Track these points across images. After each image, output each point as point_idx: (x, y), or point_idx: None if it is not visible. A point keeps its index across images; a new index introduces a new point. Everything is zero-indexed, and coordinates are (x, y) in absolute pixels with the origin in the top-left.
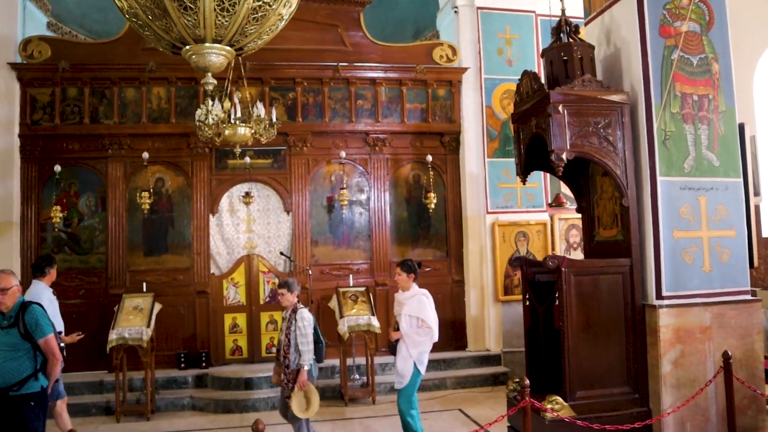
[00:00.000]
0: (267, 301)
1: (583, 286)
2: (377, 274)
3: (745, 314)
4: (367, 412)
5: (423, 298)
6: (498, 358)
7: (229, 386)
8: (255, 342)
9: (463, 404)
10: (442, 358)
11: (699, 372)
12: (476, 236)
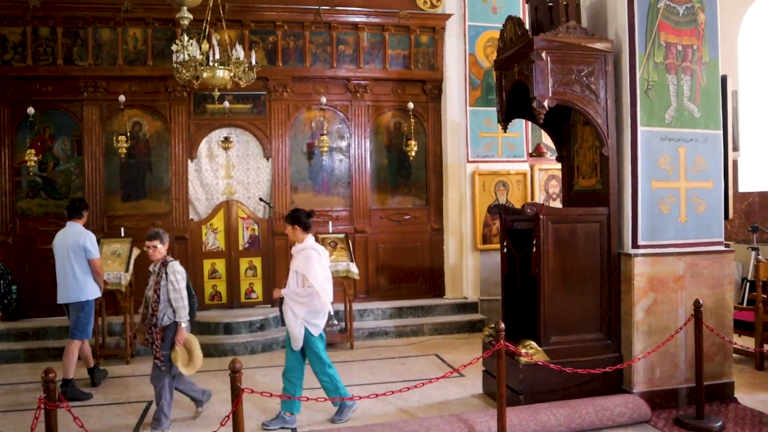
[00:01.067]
0: (246, 247)
1: (560, 233)
2: (356, 221)
3: (717, 265)
4: (345, 357)
5: (312, 253)
6: (475, 305)
7: (209, 331)
8: (234, 288)
9: (440, 350)
10: (420, 305)
11: (670, 320)
12: (456, 185)
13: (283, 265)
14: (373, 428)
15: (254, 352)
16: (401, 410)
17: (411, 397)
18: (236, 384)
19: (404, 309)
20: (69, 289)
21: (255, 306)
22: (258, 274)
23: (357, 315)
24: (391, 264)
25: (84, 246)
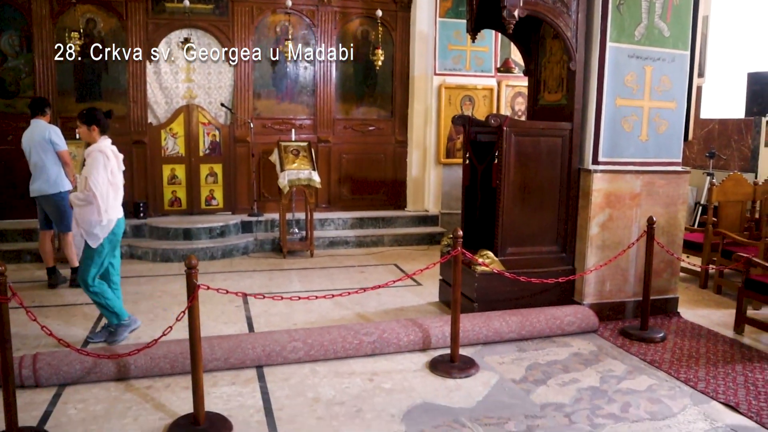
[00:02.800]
0: (207, 154)
1: (522, 146)
2: (320, 130)
3: (673, 184)
4: (305, 264)
5: (99, 156)
6: (435, 218)
7: (168, 236)
8: (194, 194)
9: (399, 260)
10: (381, 216)
11: (624, 236)
12: (422, 97)
13: (244, 173)
14: (329, 330)
15: (214, 258)
16: (358, 315)
17: (368, 303)
18: (192, 280)
19: (365, 220)
20: (42, 182)
21: (215, 213)
22: (219, 181)
23: (318, 224)
24: (354, 175)
25: (50, 139)
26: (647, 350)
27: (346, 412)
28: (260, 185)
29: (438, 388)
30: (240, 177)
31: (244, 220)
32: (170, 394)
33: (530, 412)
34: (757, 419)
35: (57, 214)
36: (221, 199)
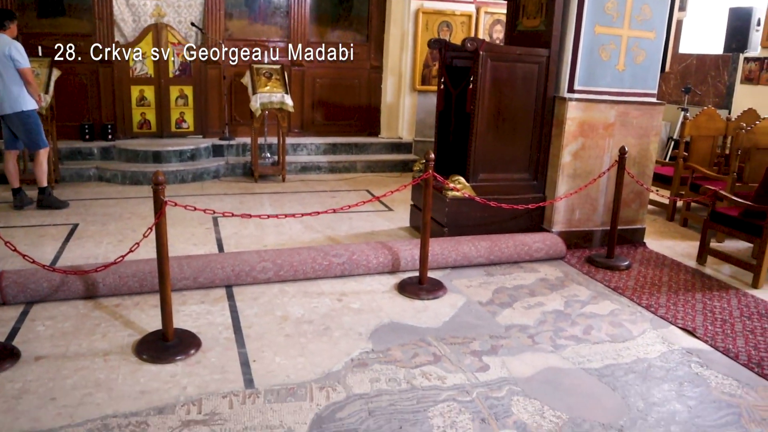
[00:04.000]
0: (177, 75)
1: (498, 72)
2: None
3: (647, 116)
4: (276, 189)
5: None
6: (409, 146)
7: (137, 159)
8: (164, 116)
9: (371, 186)
10: (354, 143)
11: (595, 165)
12: (399, 22)
13: (215, 96)
14: (299, 251)
15: (184, 181)
16: (329, 238)
17: (339, 227)
18: (159, 197)
19: (338, 145)
20: (3, 101)
21: (186, 136)
22: (189, 104)
23: (290, 149)
24: (328, 100)
25: (10, 55)
26: (612, 277)
27: (314, 330)
28: (232, 108)
29: (406, 308)
30: (211, 100)
31: (216, 143)
32: (139, 312)
33: (495, 333)
34: (712, 343)
35: (26, 133)
36: (192, 122)
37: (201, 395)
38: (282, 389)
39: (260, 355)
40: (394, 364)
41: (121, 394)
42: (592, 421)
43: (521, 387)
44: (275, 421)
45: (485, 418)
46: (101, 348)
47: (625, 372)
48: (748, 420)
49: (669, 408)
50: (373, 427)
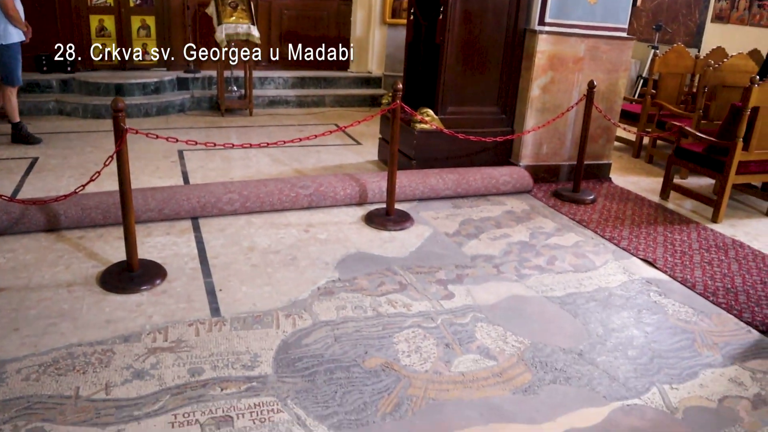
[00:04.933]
0: (138, 4)
1: (469, 3)
2: None
3: (617, 50)
4: (244, 123)
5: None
6: (379, 80)
7: (98, 92)
8: (126, 48)
9: (340, 120)
10: (323, 77)
11: (564, 99)
12: None
13: (179, 26)
14: (266, 182)
15: (149, 114)
16: (296, 171)
17: (307, 160)
18: (119, 124)
19: (306, 79)
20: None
21: (149, 69)
22: (152, 35)
23: (258, 82)
24: (296, 32)
25: None
26: (577, 211)
27: (281, 260)
28: (197, 40)
29: (372, 239)
30: (175, 31)
31: (180, 76)
32: (103, 244)
33: (461, 263)
34: (671, 273)
35: (1, 66)
36: (155, 54)
37: (167, 323)
38: (248, 317)
39: (226, 285)
40: (360, 293)
41: (85, 323)
42: (553, 345)
43: (485, 314)
44: (242, 347)
45: (449, 343)
46: (65, 279)
47: (586, 300)
48: (701, 344)
49: (627, 333)
50: (339, 353)
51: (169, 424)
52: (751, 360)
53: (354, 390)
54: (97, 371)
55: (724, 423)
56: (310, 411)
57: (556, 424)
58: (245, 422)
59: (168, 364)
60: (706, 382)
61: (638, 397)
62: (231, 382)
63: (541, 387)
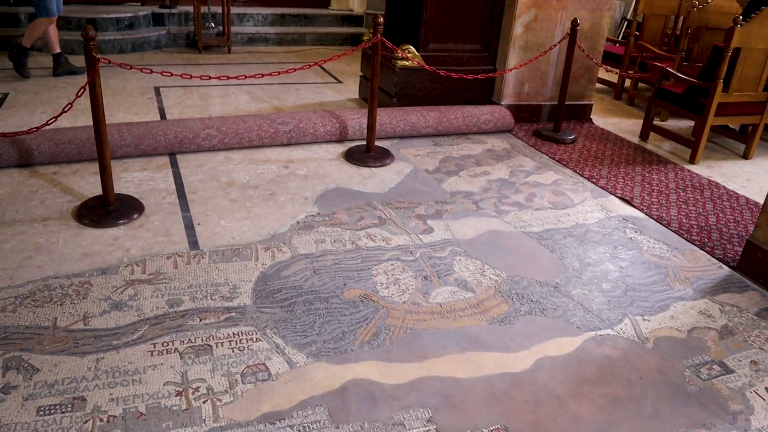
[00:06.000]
0: None
1: None
2: None
3: None
4: (222, 60)
5: None
6: (360, 19)
7: (69, 26)
8: None
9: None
10: (303, 14)
11: (547, 38)
12: None
13: None
14: (245, 118)
15: (123, 51)
16: (276, 108)
17: (287, 98)
18: (90, 53)
19: (286, 16)
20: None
21: (123, 3)
22: None
23: (236, 19)
24: None
25: None
26: (557, 150)
27: (259, 195)
28: None
29: (352, 175)
30: None
31: (156, 11)
32: (78, 179)
33: (440, 199)
34: (647, 212)
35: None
36: None
37: (145, 256)
38: (227, 250)
39: (205, 219)
40: (340, 227)
41: (62, 256)
42: (530, 278)
43: (464, 248)
44: (220, 279)
45: (428, 275)
46: (39, 214)
47: (563, 236)
48: (674, 279)
49: (602, 268)
50: (318, 284)
51: (148, 353)
52: (721, 294)
53: (332, 320)
54: (74, 303)
55: (692, 352)
56: (289, 340)
57: (530, 352)
58: (224, 351)
59: (146, 296)
60: (676, 314)
61: (611, 327)
62: (210, 313)
63: (517, 318)
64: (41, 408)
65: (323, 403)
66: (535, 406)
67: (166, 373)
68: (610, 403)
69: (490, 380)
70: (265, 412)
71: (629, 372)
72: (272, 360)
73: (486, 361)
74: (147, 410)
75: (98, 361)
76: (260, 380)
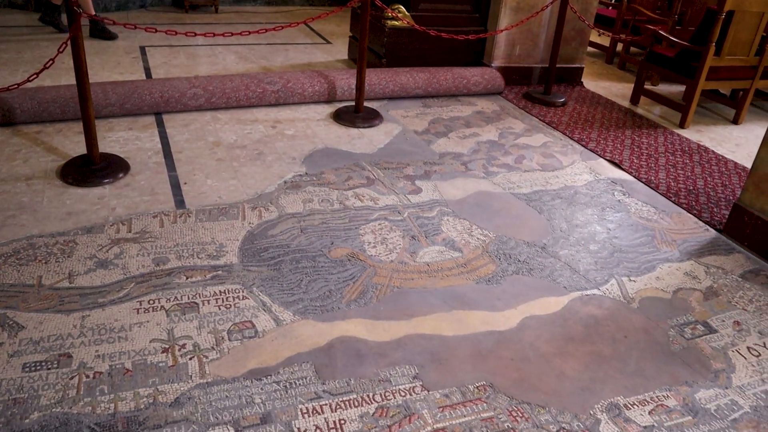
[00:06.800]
0: None
1: None
2: None
3: None
4: (209, 20)
5: None
6: None
7: None
8: None
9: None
10: None
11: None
12: None
13: None
14: (232, 78)
15: (107, 9)
16: (264, 68)
17: (275, 58)
18: (73, 8)
19: None
20: None
21: None
22: None
23: None
24: None
25: None
26: (547, 113)
27: (247, 155)
28: None
29: (341, 135)
30: None
31: None
32: (62, 138)
33: (429, 159)
34: (636, 174)
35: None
36: None
37: (131, 215)
38: (214, 209)
39: (191, 178)
40: (327, 186)
41: (46, 215)
42: (517, 239)
43: (452, 208)
44: (207, 238)
45: (415, 235)
46: (23, 173)
47: (552, 197)
48: (660, 241)
49: (590, 229)
50: (305, 243)
51: (134, 311)
52: (707, 256)
53: (319, 278)
54: (59, 261)
55: (676, 312)
56: (276, 298)
57: (517, 311)
58: (211, 308)
59: (132, 254)
60: (662, 275)
61: (597, 288)
62: (196, 271)
63: (504, 277)
64: (27, 364)
65: (310, 359)
66: (521, 364)
67: (153, 331)
68: (594, 361)
69: (476, 338)
70: (251, 369)
71: (614, 331)
72: (259, 317)
73: (472, 320)
74: (133, 366)
75: (84, 318)
76: (247, 337)
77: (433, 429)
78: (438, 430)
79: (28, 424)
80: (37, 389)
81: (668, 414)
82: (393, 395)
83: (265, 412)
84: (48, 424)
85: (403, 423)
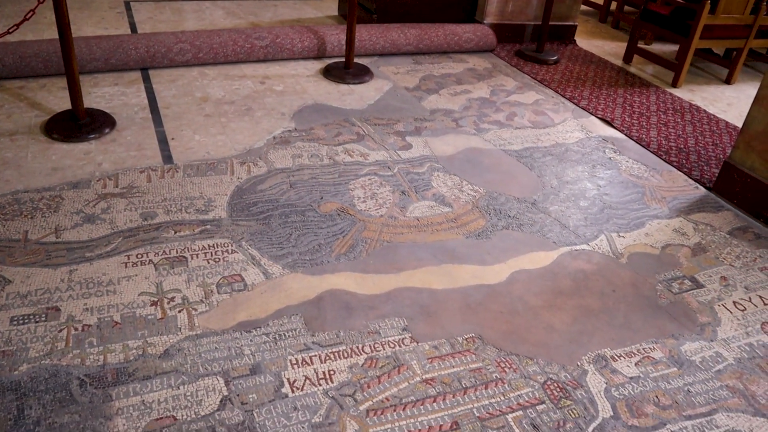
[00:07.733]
0: None
1: None
2: None
3: None
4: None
5: None
6: None
7: None
8: None
9: None
10: None
11: None
12: None
13: None
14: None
15: None
16: (252, 24)
17: (263, 14)
18: None
19: None
20: None
21: None
22: None
23: None
24: None
25: None
26: (539, 70)
27: (235, 110)
28: None
29: (330, 91)
30: None
31: None
32: (46, 94)
33: (420, 116)
34: (627, 133)
35: None
36: None
37: (117, 171)
38: (202, 164)
39: (179, 134)
40: (317, 142)
41: (31, 171)
42: (507, 195)
43: (442, 164)
44: (195, 193)
45: (405, 190)
46: (6, 128)
47: (543, 154)
48: (650, 198)
49: (580, 186)
50: (294, 198)
51: (122, 264)
52: (696, 213)
53: (309, 232)
54: (45, 216)
55: (664, 267)
56: (265, 252)
57: (506, 265)
58: (199, 262)
59: (119, 209)
60: (651, 231)
61: (587, 243)
62: (185, 225)
63: (494, 232)
64: (15, 318)
65: (299, 312)
66: (510, 317)
67: (141, 284)
68: (583, 314)
69: (465, 291)
70: (240, 321)
71: (603, 285)
72: (248, 271)
73: (462, 274)
74: (122, 319)
75: (71, 272)
76: (236, 290)
77: (422, 379)
78: (427, 380)
79: (17, 376)
80: (26, 342)
81: (654, 365)
82: (382, 347)
83: (255, 363)
84: (37, 375)
85: (392, 374)
